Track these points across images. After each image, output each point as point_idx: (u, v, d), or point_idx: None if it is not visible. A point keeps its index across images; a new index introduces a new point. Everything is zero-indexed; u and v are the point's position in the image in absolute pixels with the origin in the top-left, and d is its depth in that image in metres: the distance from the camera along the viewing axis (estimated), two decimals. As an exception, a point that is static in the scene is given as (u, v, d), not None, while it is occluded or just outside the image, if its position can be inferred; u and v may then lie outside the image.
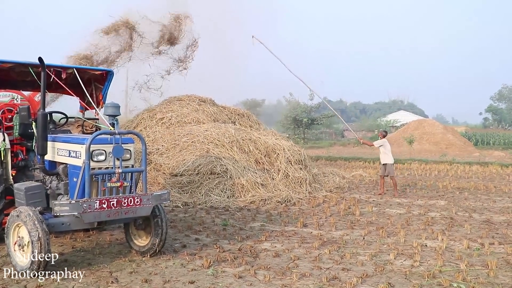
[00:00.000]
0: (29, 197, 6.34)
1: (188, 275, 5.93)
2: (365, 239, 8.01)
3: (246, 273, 6.03)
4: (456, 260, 6.73)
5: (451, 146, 33.98)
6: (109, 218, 5.90)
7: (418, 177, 17.73)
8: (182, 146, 12.94)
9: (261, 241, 7.72)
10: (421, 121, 42.28)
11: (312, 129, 50.06)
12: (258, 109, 59.23)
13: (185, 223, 9.06)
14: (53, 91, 8.46)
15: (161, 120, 14.55)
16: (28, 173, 7.36)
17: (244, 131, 13.98)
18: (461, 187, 14.72)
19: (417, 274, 6.10)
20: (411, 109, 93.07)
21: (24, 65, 6.89)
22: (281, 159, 12.94)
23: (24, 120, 7.03)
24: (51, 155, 6.61)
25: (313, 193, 12.66)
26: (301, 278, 5.90)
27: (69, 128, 8.13)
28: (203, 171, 11.99)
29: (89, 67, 7.72)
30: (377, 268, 6.28)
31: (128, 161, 6.26)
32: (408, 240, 7.86)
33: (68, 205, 5.62)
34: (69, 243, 7.45)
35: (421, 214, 10.23)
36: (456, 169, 20.50)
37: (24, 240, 5.71)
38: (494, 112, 78.77)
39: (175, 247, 7.28)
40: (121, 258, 6.61)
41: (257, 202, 11.24)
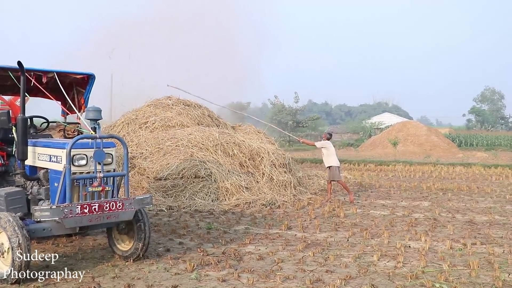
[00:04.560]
0: (10, 203, 6.26)
1: (172, 279, 5.90)
2: (349, 241, 8.03)
3: (229, 277, 6.02)
4: (439, 261, 6.78)
5: (435, 148, 34.25)
6: (91, 223, 5.85)
7: (403, 179, 17.85)
8: (166, 150, 12.88)
9: (245, 244, 7.71)
10: (405, 123, 42.56)
11: (297, 131, 50.16)
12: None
13: (169, 227, 9.02)
14: (34, 95, 8.37)
15: (144, 124, 14.47)
16: (8, 179, 7.26)
17: (228, 134, 13.96)
18: (445, 188, 14.84)
19: (400, 275, 6.13)
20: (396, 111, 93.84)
21: (3, 69, 6.81)
22: (265, 162, 12.93)
23: (4, 125, 6.92)
24: (31, 160, 6.53)
25: (297, 195, 12.67)
26: (285, 280, 5.90)
27: (51, 132, 8.05)
28: (187, 175, 11.94)
29: (70, 71, 7.63)
30: (360, 270, 6.30)
31: (109, 165, 6.21)
32: (391, 242, 7.90)
33: (49, 210, 5.55)
34: (51, 249, 7.36)
35: (405, 216, 10.30)
36: (440, 170, 20.68)
37: (4, 246, 5.63)
38: (477, 113, 79.76)
39: (159, 251, 7.23)
40: (103, 263, 6.55)
41: (241, 205, 11.22)
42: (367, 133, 53.43)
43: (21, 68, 6.14)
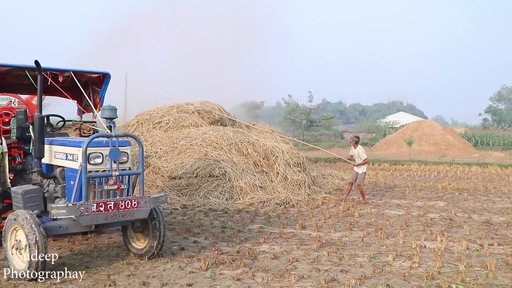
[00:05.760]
0: (27, 201, 6.34)
1: (186, 278, 5.91)
2: (364, 240, 7.99)
3: (244, 276, 6.01)
4: (455, 261, 6.72)
5: (451, 147, 33.94)
6: (106, 221, 5.88)
7: (418, 178, 17.72)
8: (181, 149, 12.92)
9: (259, 243, 7.70)
10: (420, 122, 42.24)
11: (311, 131, 50.09)
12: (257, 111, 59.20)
13: (183, 225, 9.04)
14: (51, 94, 8.44)
15: (158, 123, 14.54)
16: (25, 177, 7.35)
17: (243, 133, 13.96)
18: (461, 188, 14.71)
19: (416, 275, 6.08)
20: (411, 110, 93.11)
21: (21, 69, 6.88)
22: (279, 161, 12.91)
23: (22, 124, 7.00)
24: (48, 158, 6.60)
25: (312, 195, 12.63)
26: (300, 280, 5.88)
27: (67, 131, 8.12)
28: (202, 174, 11.97)
29: (86, 70, 7.68)
30: (375, 270, 6.26)
31: (125, 163, 6.24)
32: (407, 242, 7.84)
33: (65, 208, 5.60)
34: (67, 246, 7.42)
35: (420, 215, 10.22)
36: (455, 170, 20.50)
37: (21, 243, 5.69)
38: (494, 113, 78.80)
39: (173, 249, 7.25)
40: (119, 261, 6.59)
41: (255, 204, 11.22)
42: (381, 132, 53.13)
43: (38, 67, 6.19)
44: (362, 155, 12.15)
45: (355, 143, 12.38)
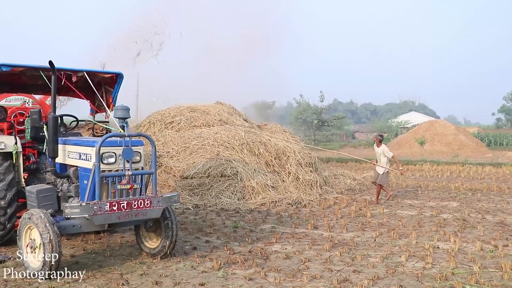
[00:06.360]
0: (41, 200, 6.41)
1: (199, 277, 5.93)
2: (376, 241, 7.95)
3: (256, 275, 6.01)
4: (469, 262, 6.66)
5: (463, 147, 33.72)
6: (120, 220, 5.91)
7: (430, 179, 17.61)
8: (192, 149, 12.96)
9: (271, 243, 7.70)
10: (432, 122, 42.01)
11: (322, 130, 49.99)
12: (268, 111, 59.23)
13: (195, 225, 9.07)
14: (64, 94, 8.51)
15: (170, 123, 14.59)
16: (39, 176, 7.42)
17: (254, 133, 13.97)
18: (474, 189, 14.58)
19: (429, 276, 6.04)
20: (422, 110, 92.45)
21: (35, 69, 6.94)
22: (291, 161, 12.90)
23: (36, 124, 7.07)
24: (62, 158, 6.65)
25: (323, 195, 12.60)
26: (312, 280, 5.87)
27: (80, 131, 8.18)
28: (213, 174, 11.99)
29: (100, 70, 7.74)
30: (388, 270, 6.23)
31: (138, 163, 6.27)
32: (420, 242, 7.79)
33: (79, 207, 5.64)
34: (80, 245, 7.47)
35: (433, 216, 10.15)
36: (468, 170, 20.33)
37: (35, 242, 5.74)
38: (507, 112, 77.90)
39: (186, 249, 7.27)
40: (131, 260, 6.63)
41: (267, 204, 11.22)
42: (393, 132, 52.85)
43: (52, 67, 6.24)
44: (389, 153, 12.04)
45: (379, 142, 12.21)
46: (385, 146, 12.27)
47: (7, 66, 6.65)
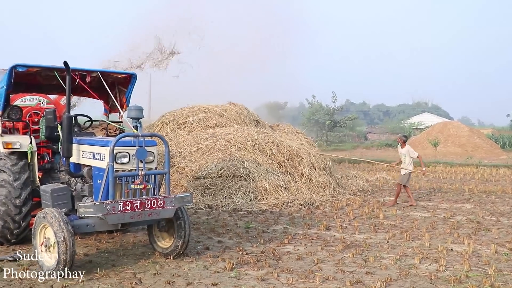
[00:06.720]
0: (55, 199, 6.47)
1: (211, 277, 5.94)
2: (389, 242, 7.91)
3: (269, 276, 6.01)
4: (484, 265, 6.60)
5: (477, 149, 33.39)
6: (133, 220, 5.94)
7: (443, 180, 17.48)
8: (205, 149, 12.99)
9: (284, 244, 7.69)
10: (446, 123, 41.64)
11: (334, 131, 49.77)
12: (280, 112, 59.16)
13: (208, 225, 9.08)
14: (78, 94, 8.57)
15: (183, 124, 14.62)
16: (54, 175, 7.49)
17: (267, 134, 13.97)
18: (488, 191, 14.44)
19: (443, 278, 6.00)
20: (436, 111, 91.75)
21: (50, 69, 7.00)
22: (305, 163, 12.87)
23: (50, 123, 7.13)
24: (76, 157, 6.70)
25: (336, 196, 12.56)
26: (325, 281, 5.85)
27: (94, 131, 8.23)
28: (226, 174, 12.01)
29: (113, 71, 7.79)
30: (401, 272, 6.19)
31: (151, 163, 6.30)
32: (433, 244, 7.74)
33: (93, 206, 5.68)
34: (94, 244, 7.52)
35: (446, 218, 10.07)
36: (482, 172, 20.14)
37: (50, 241, 5.79)
38: (522, 113, 77.10)
39: (198, 249, 7.29)
40: (144, 260, 6.66)
41: (279, 204, 11.21)
42: (406, 133, 52.48)
43: (67, 68, 6.29)
44: (414, 153, 11.87)
45: (403, 143, 12.05)
46: (410, 146, 12.15)
47: (23, 67, 6.72)
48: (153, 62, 21.13)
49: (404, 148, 11.92)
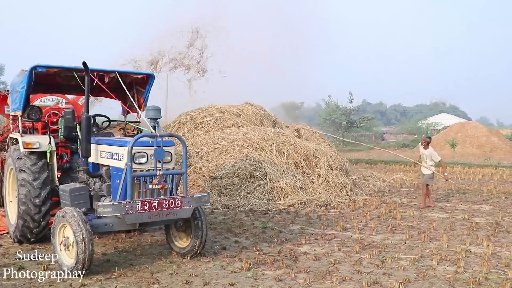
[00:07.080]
0: (74, 198, 6.53)
1: (228, 277, 5.95)
2: (407, 243, 7.85)
3: (286, 276, 6.01)
4: (503, 267, 6.52)
5: (496, 150, 33.01)
6: (151, 220, 5.97)
7: (461, 181, 17.29)
8: (222, 149, 13.02)
9: (300, 244, 7.67)
10: (464, 123, 41.25)
11: (351, 132, 49.56)
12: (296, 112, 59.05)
13: (224, 225, 9.10)
14: (96, 94, 8.66)
15: (200, 124, 14.67)
16: (72, 175, 7.57)
17: (283, 134, 13.95)
18: (507, 192, 14.25)
19: (462, 280, 5.94)
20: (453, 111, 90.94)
21: (69, 70, 7.07)
22: (321, 164, 12.84)
23: (69, 123, 7.20)
24: (94, 157, 6.77)
25: (353, 197, 12.51)
26: (342, 282, 5.83)
27: (112, 131, 8.30)
28: (243, 174, 12.03)
29: (131, 71, 7.85)
30: (419, 274, 6.14)
31: (169, 163, 6.33)
32: (451, 246, 7.66)
33: (111, 206, 5.72)
34: (112, 244, 7.58)
35: (464, 219, 9.96)
36: (501, 173, 19.89)
37: (69, 240, 5.84)
38: (542, 114, 75.98)
39: (215, 249, 7.31)
40: (162, 259, 6.69)
41: (296, 205, 11.19)
42: (423, 134, 52.08)
43: (86, 68, 6.36)
44: (437, 157, 11.76)
45: (426, 144, 11.95)
46: (433, 149, 11.99)
47: (43, 67, 6.79)
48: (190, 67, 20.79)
49: (427, 150, 11.82)
